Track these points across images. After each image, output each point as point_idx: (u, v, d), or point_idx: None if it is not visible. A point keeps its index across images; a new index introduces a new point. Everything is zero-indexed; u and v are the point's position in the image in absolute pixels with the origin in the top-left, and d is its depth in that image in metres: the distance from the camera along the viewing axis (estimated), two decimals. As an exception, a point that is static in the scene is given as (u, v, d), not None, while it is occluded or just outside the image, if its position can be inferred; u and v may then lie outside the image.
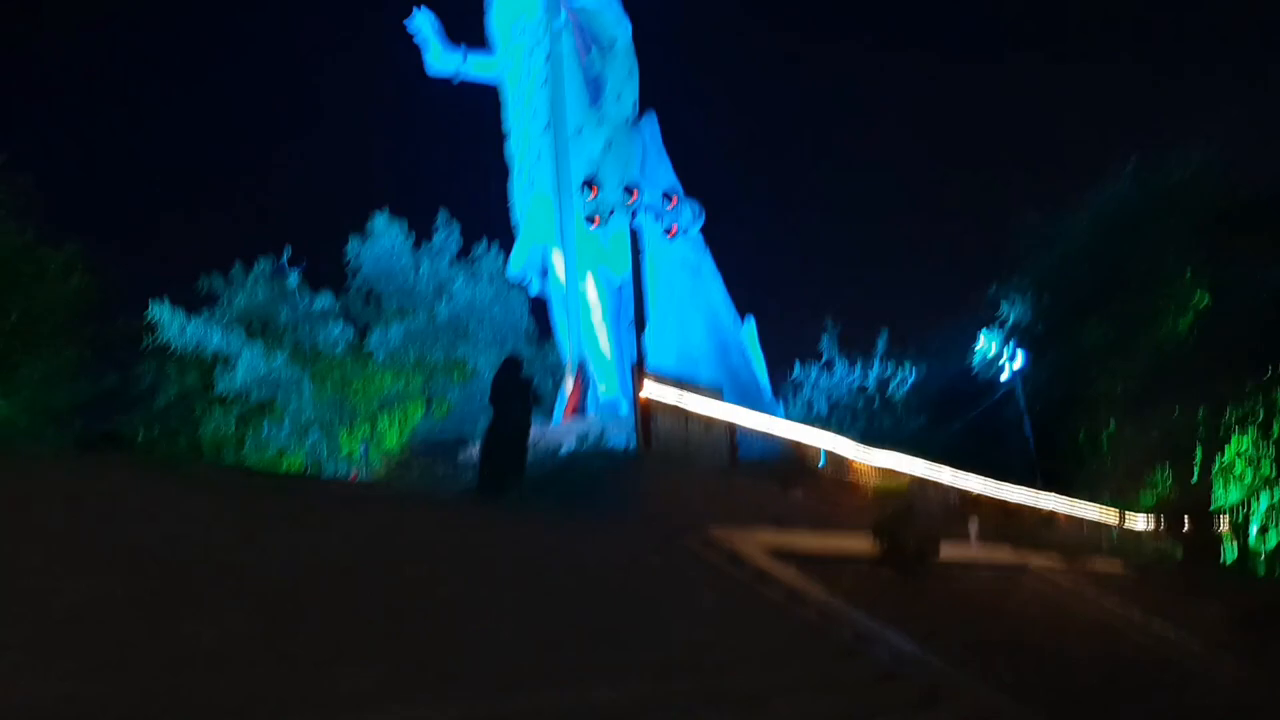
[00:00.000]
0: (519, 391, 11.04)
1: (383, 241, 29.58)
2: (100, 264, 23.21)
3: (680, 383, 15.31)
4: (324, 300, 28.50)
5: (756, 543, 11.10)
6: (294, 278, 28.48)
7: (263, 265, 28.49)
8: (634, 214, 15.99)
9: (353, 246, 29.50)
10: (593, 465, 13.37)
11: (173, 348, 26.24)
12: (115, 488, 6.77)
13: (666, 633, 7.23)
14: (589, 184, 16.17)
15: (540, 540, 8.89)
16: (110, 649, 3.97)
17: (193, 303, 27.45)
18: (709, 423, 14.89)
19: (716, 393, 16.31)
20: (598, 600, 7.40)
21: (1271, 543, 28.06)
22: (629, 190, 15.89)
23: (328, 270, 29.95)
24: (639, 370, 14.06)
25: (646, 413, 13.30)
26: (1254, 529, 28.96)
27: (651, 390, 13.59)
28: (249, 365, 26.06)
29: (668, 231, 16.59)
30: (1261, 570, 28.17)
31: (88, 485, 6.65)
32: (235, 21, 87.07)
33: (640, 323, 15.29)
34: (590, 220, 16.49)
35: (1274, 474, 28.71)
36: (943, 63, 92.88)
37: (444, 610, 5.88)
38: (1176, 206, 33.05)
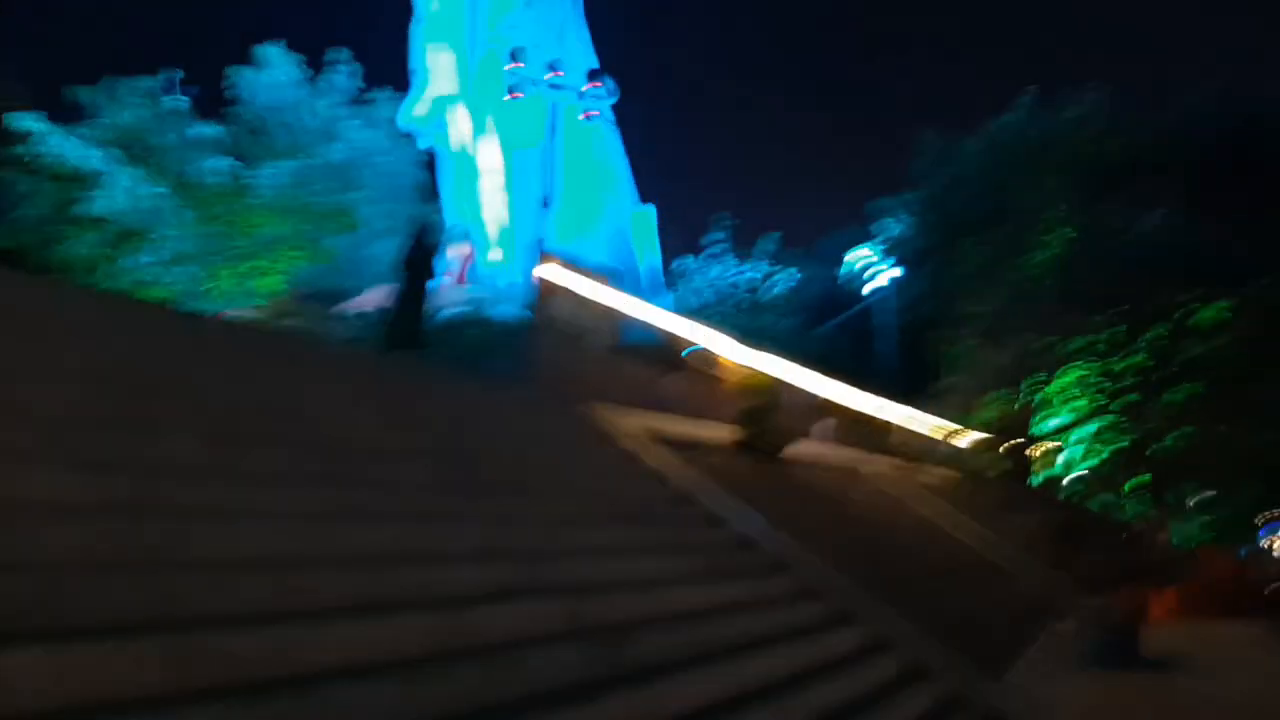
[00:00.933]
0: (427, 258, 11.32)
1: (275, 73, 28.20)
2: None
3: (576, 266, 15.72)
4: (209, 128, 27.13)
5: (637, 423, 11.89)
6: (181, 101, 26.92)
7: (146, 83, 26.77)
8: (555, 89, 15.99)
9: (243, 76, 28.04)
10: (487, 333, 13.83)
11: (45, 161, 24.69)
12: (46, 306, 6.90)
13: (563, 478, 8.09)
14: (514, 55, 16.00)
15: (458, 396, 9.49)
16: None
17: (60, 115, 25.72)
18: (598, 307, 15.43)
19: (608, 278, 16.81)
20: (505, 449, 8.10)
21: (1087, 465, 30.82)
22: (552, 67, 15.83)
23: (215, 99, 28.45)
24: (541, 252, 14.41)
25: (545, 290, 13.73)
26: (1062, 457, 31.65)
27: (549, 271, 13.98)
28: (126, 189, 24.81)
29: (585, 113, 16.66)
30: (1061, 494, 31.05)
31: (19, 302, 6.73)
32: None
33: (547, 200, 15.50)
34: (511, 91, 16.39)
35: (1089, 410, 31.19)
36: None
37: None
38: (1060, 145, 34.71)
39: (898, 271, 33.63)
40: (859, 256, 35.89)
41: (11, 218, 25.68)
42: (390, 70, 29.07)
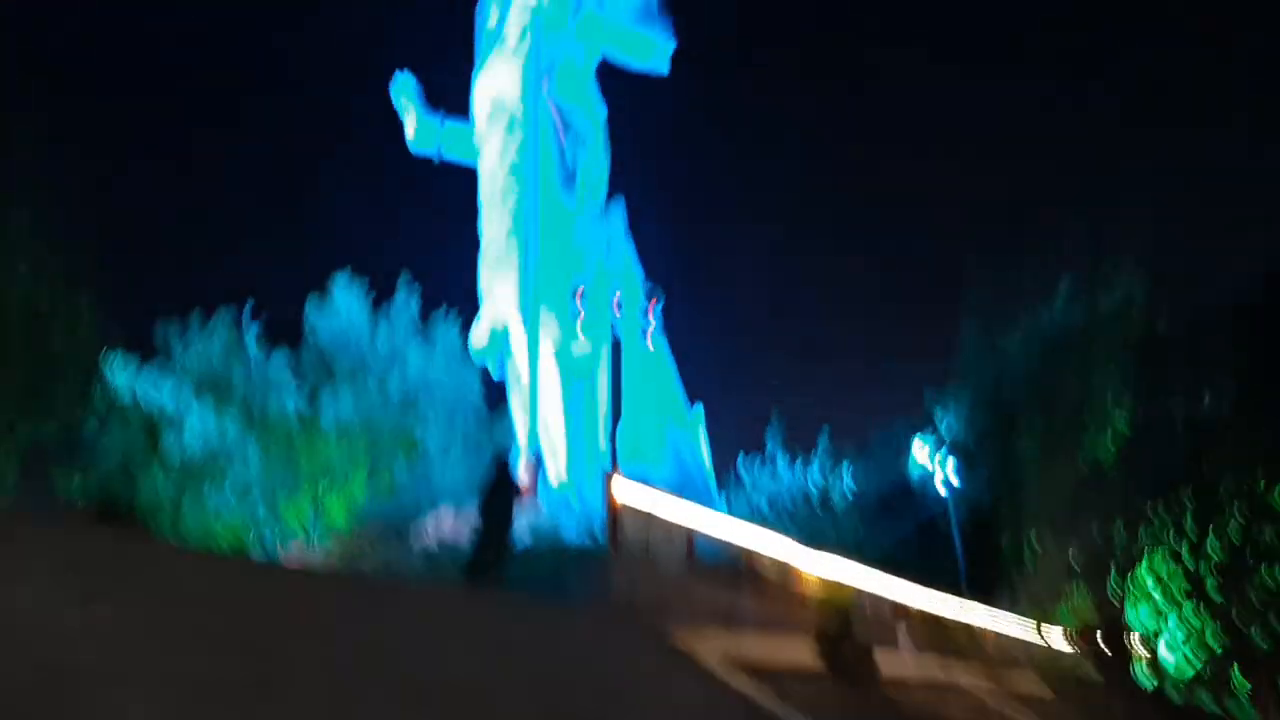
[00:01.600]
0: (506, 489, 11.54)
1: (340, 304, 29.68)
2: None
3: (647, 486, 15.85)
4: (278, 360, 28.34)
5: (716, 647, 11.60)
6: (251, 334, 28.32)
7: (221, 317, 28.31)
8: (615, 316, 16.74)
9: (310, 307, 29.55)
10: (560, 557, 13.83)
11: (121, 400, 25.89)
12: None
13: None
14: (575, 289, 16.89)
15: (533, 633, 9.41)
16: None
17: (147, 351, 27.17)
18: (669, 524, 15.42)
19: (676, 494, 16.88)
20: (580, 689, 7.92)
21: (1186, 672, 28.74)
22: (613, 296, 16.68)
23: (285, 329, 29.91)
24: (612, 473, 14.60)
25: (615, 512, 13.80)
26: (1161, 648, 29.89)
27: (615, 489, 14.12)
28: (197, 426, 25.75)
29: (644, 332, 17.32)
30: (1178, 698, 28.88)
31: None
32: (213, 77, 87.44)
33: (615, 421, 15.86)
34: (574, 322, 17.17)
35: (1181, 596, 29.78)
36: (898, 159, 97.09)
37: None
38: (1102, 331, 35.05)
39: (954, 466, 33.39)
40: (916, 451, 35.74)
41: (99, 460, 26.71)
42: (454, 293, 30.51)
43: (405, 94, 26.29)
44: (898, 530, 35.57)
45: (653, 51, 24.49)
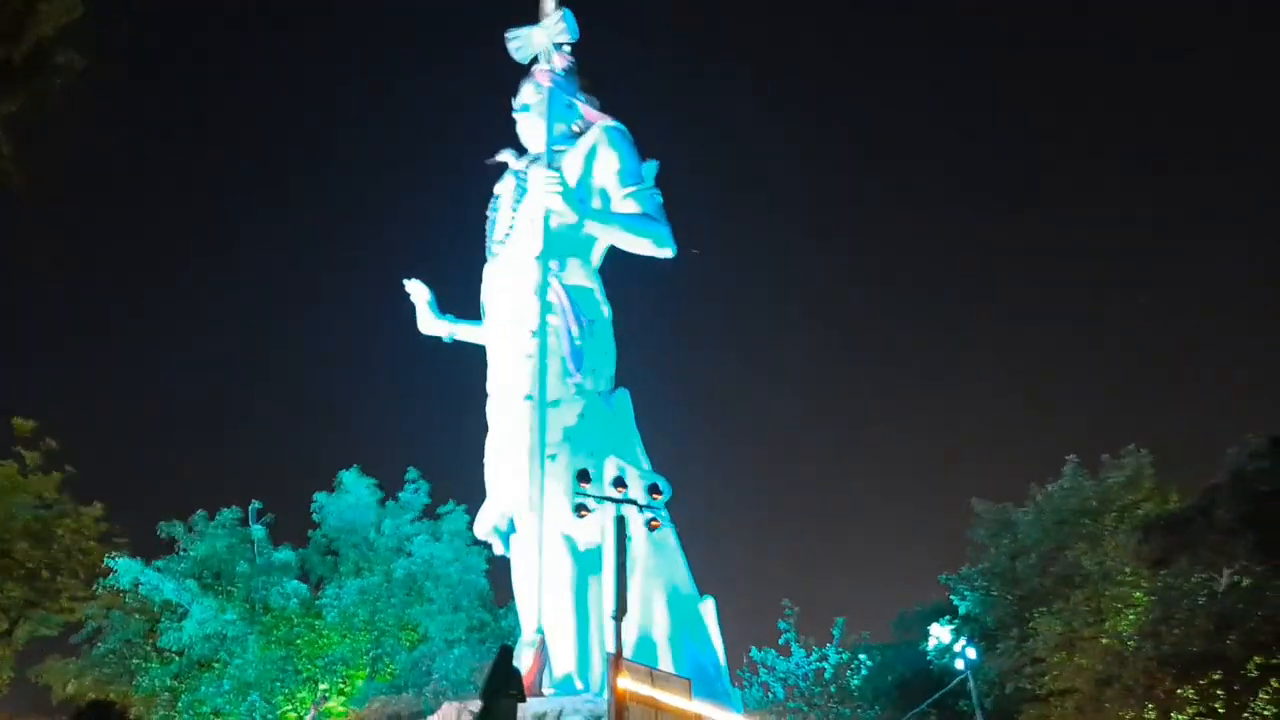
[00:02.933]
0: (510, 683, 11.31)
1: (349, 497, 29.90)
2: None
3: (654, 674, 15.50)
4: (284, 554, 28.34)
5: None
6: (258, 530, 28.45)
7: (226, 516, 28.51)
8: (619, 503, 16.83)
9: (319, 500, 29.76)
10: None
11: (124, 594, 25.74)
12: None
13: None
14: (580, 476, 17.07)
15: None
16: None
17: (151, 548, 27.27)
18: (678, 715, 14.97)
19: (687, 684, 16.44)
20: None
21: None
22: (616, 484, 16.80)
23: (293, 524, 30.12)
24: (617, 660, 14.32)
25: (621, 704, 13.45)
26: None
27: (627, 682, 13.81)
28: (199, 619, 25.46)
29: (650, 524, 17.36)
30: None
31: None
32: (226, 270, 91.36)
33: (621, 611, 15.65)
34: (579, 511, 17.24)
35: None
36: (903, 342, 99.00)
37: None
38: (1112, 509, 34.81)
39: (973, 653, 32.42)
40: (934, 636, 34.83)
41: (99, 654, 26.30)
42: (461, 485, 30.74)
43: (415, 298, 27.31)
44: (919, 717, 34.15)
45: (658, 243, 25.64)
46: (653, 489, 17.38)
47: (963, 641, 33.35)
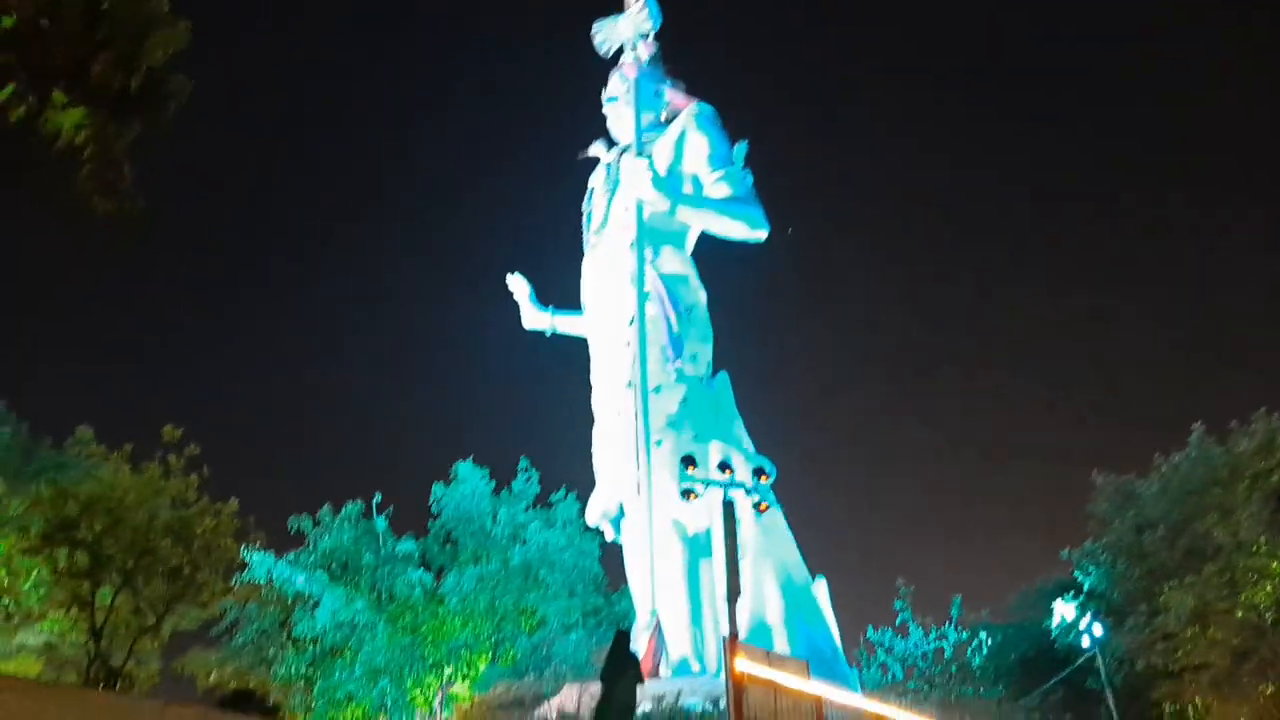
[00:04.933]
0: (628, 665, 11.61)
1: (465, 487, 30.79)
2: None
3: (770, 655, 15.63)
4: (406, 544, 29.41)
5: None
6: (381, 522, 29.59)
7: (350, 509, 29.71)
8: (726, 486, 16.99)
9: (436, 491, 30.74)
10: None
11: (259, 587, 27.14)
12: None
13: None
14: (685, 461, 17.28)
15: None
16: None
17: (283, 542, 28.67)
18: (797, 696, 15.06)
19: (804, 665, 16.50)
20: None
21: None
22: (724, 468, 16.96)
23: (412, 514, 31.23)
24: (733, 642, 14.49)
25: (739, 685, 13.62)
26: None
27: (744, 664, 13.96)
28: (329, 609, 26.66)
29: (758, 507, 17.46)
30: None
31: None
32: (341, 269, 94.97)
33: (734, 593, 15.81)
34: (686, 495, 17.46)
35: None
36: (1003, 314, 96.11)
37: None
38: (1244, 475, 33.13)
39: (1099, 629, 31.44)
40: (1058, 613, 33.91)
41: (237, 644, 27.91)
42: (568, 472, 31.33)
43: (517, 293, 27.93)
44: (1045, 694, 33.33)
45: (751, 225, 25.57)
46: (759, 472, 17.43)
47: (1088, 618, 32.44)
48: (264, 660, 29.17)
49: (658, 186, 24.06)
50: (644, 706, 17.39)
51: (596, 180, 27.13)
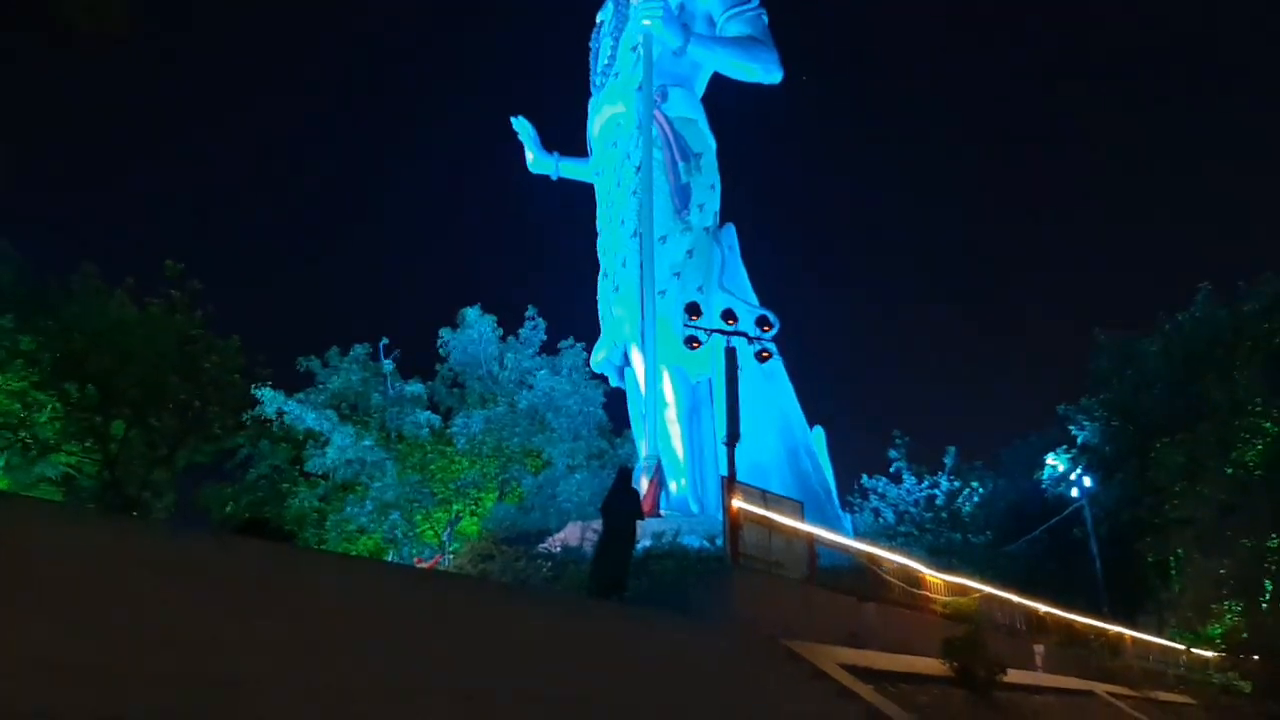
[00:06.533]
0: (629, 501, 11.97)
1: (471, 332, 30.99)
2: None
3: (766, 495, 16.08)
4: (414, 387, 29.82)
5: (840, 658, 11.73)
6: (388, 364, 29.92)
7: (358, 351, 30.00)
8: (727, 335, 17.07)
9: (444, 335, 30.97)
10: (681, 564, 14.21)
11: (270, 425, 27.71)
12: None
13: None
14: (689, 309, 17.28)
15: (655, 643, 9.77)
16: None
17: (291, 382, 29.08)
18: (791, 534, 15.59)
19: (799, 506, 17.02)
20: (701, 700, 8.23)
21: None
22: (728, 316, 16.99)
23: (419, 358, 31.50)
24: (730, 481, 14.88)
25: (736, 523, 14.07)
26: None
27: (736, 500, 14.39)
28: (339, 446, 27.28)
29: (759, 355, 17.57)
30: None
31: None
32: (346, 120, 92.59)
33: (733, 437, 16.11)
34: (689, 341, 17.55)
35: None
36: (1019, 167, 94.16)
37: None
38: (1247, 336, 33.18)
39: (1089, 481, 32.20)
40: (1050, 464, 34.72)
41: (251, 479, 28.74)
42: (573, 321, 31.51)
43: (521, 135, 27.32)
44: (1031, 543, 34.50)
45: (766, 67, 24.72)
46: (761, 321, 17.48)
47: (1079, 470, 33.26)
48: (278, 494, 30.13)
49: (668, 23, 23.09)
50: (644, 542, 18.06)
51: (605, 16, 26.04)
